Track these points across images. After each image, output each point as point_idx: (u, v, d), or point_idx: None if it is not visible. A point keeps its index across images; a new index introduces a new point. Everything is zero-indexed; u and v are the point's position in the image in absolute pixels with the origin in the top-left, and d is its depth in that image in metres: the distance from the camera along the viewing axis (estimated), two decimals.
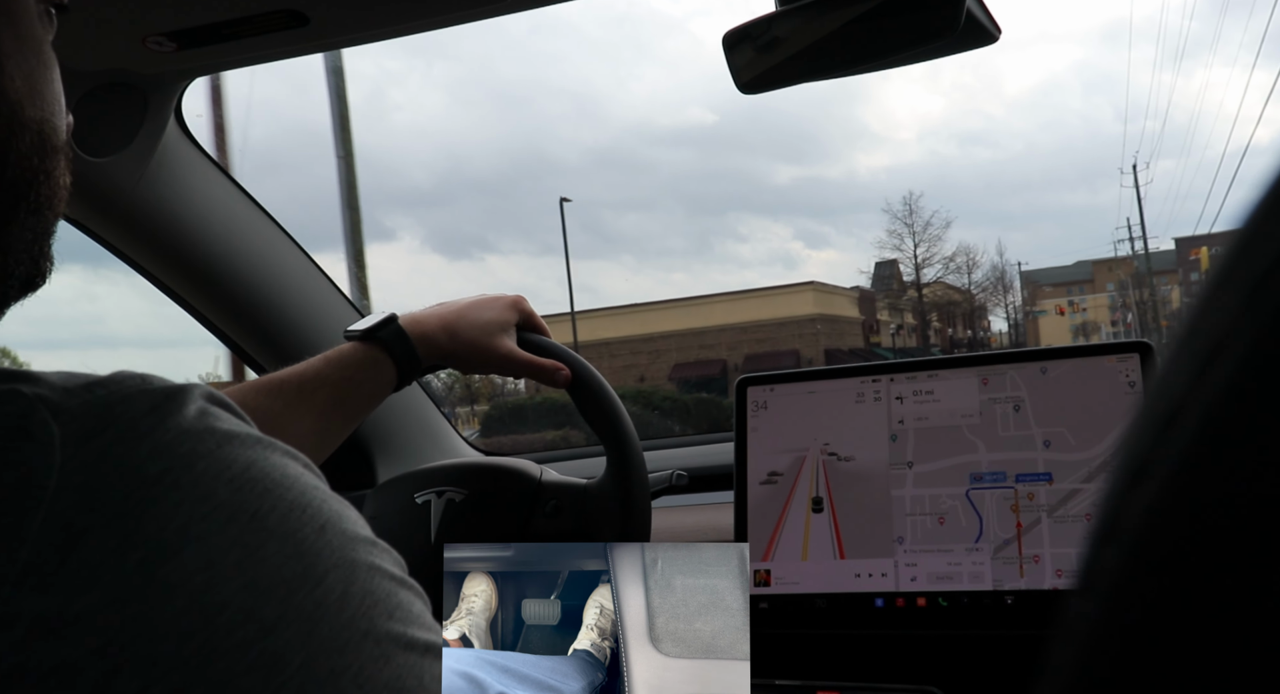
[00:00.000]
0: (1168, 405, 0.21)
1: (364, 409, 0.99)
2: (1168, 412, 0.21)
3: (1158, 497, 0.21)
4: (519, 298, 1.09)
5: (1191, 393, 0.20)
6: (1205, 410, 0.20)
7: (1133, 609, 0.21)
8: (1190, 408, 0.20)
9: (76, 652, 0.34)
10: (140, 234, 1.36)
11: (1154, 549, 0.21)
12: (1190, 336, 0.21)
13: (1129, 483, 0.22)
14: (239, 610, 0.37)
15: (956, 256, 54.11)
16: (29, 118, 0.50)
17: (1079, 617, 0.23)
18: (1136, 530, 0.21)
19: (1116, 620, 0.21)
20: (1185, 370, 0.21)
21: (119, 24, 1.09)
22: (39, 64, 0.51)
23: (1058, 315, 62.12)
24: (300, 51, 1.19)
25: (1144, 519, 0.21)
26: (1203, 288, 0.22)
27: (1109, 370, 1.10)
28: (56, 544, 0.35)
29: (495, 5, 1.10)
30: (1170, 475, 0.21)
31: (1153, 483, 0.21)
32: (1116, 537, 0.22)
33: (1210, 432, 0.20)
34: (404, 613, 0.42)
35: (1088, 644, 0.22)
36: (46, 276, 0.54)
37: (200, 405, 0.41)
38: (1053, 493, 1.08)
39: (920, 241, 49.78)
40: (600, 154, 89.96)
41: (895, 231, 50.73)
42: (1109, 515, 0.22)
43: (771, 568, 1.17)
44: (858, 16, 0.95)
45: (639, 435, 1.06)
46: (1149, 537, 0.21)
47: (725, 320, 38.11)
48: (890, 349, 46.45)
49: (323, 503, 0.42)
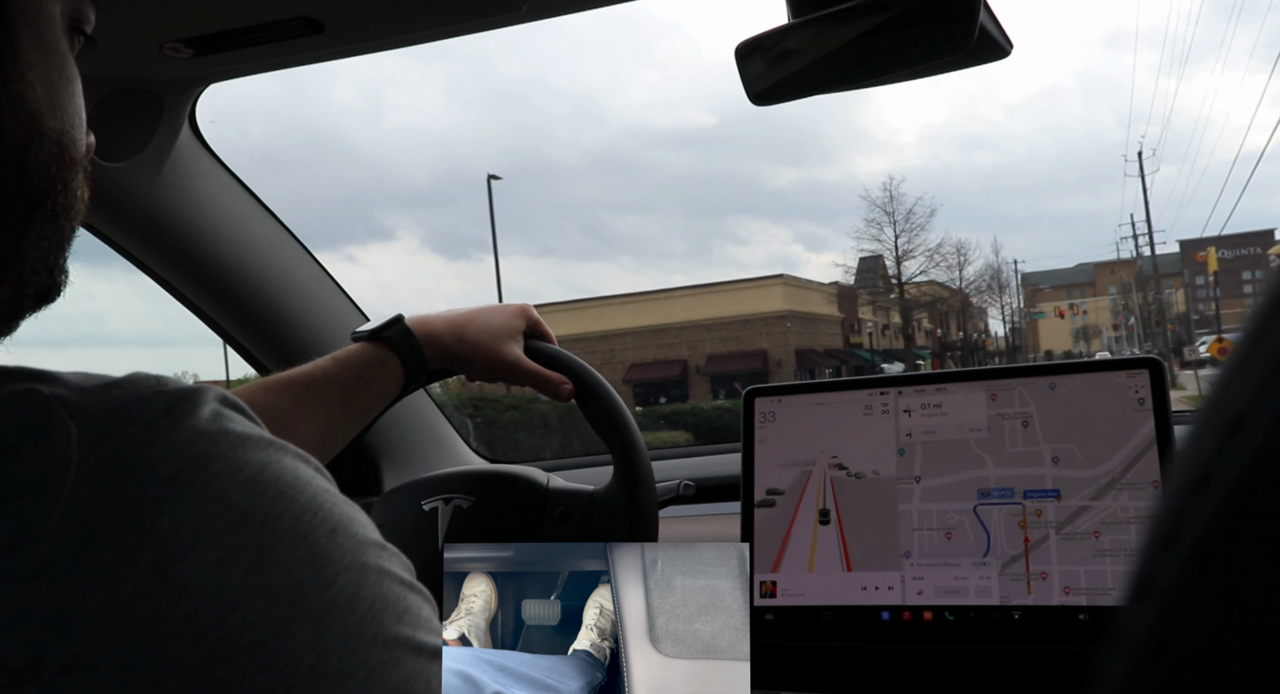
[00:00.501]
0: (1232, 413, 0.21)
1: (372, 409, 0.99)
2: (1233, 419, 0.21)
3: (1221, 505, 0.21)
4: (526, 306, 1.09)
5: (1257, 399, 0.20)
6: (1271, 418, 0.20)
7: (1192, 617, 0.21)
8: (1255, 415, 0.20)
9: (90, 649, 0.34)
10: (153, 238, 1.37)
11: (1216, 557, 0.21)
12: (1255, 344, 0.21)
13: (1191, 491, 0.22)
14: (251, 611, 0.37)
15: (943, 247, 50.18)
16: (49, 128, 0.50)
17: (1134, 625, 0.22)
18: (1198, 538, 0.21)
19: (1175, 629, 0.21)
20: (1251, 377, 0.21)
21: (136, 30, 1.10)
22: (61, 77, 0.52)
23: (1057, 318, 60.47)
24: (316, 58, 1.20)
25: (1206, 527, 0.21)
26: (1268, 298, 0.22)
27: (1118, 387, 1.09)
28: (72, 542, 0.36)
29: (509, 15, 1.10)
30: (1234, 484, 0.21)
31: (1216, 491, 0.21)
32: (1177, 544, 0.22)
33: (1276, 440, 0.20)
34: (413, 617, 0.43)
35: (1144, 653, 0.22)
36: (61, 289, 0.55)
37: (214, 408, 0.42)
38: (1061, 510, 1.08)
39: (902, 231, 44.60)
40: (599, 155, 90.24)
41: (874, 221, 45.84)
42: (1170, 522, 0.22)
43: (778, 580, 1.16)
44: (871, 29, 0.95)
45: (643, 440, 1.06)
46: (1211, 544, 0.21)
47: (688, 316, 34.95)
48: (872, 351, 44.18)
49: (334, 506, 0.42)
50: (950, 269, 51.01)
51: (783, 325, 35.71)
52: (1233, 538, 0.20)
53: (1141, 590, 0.22)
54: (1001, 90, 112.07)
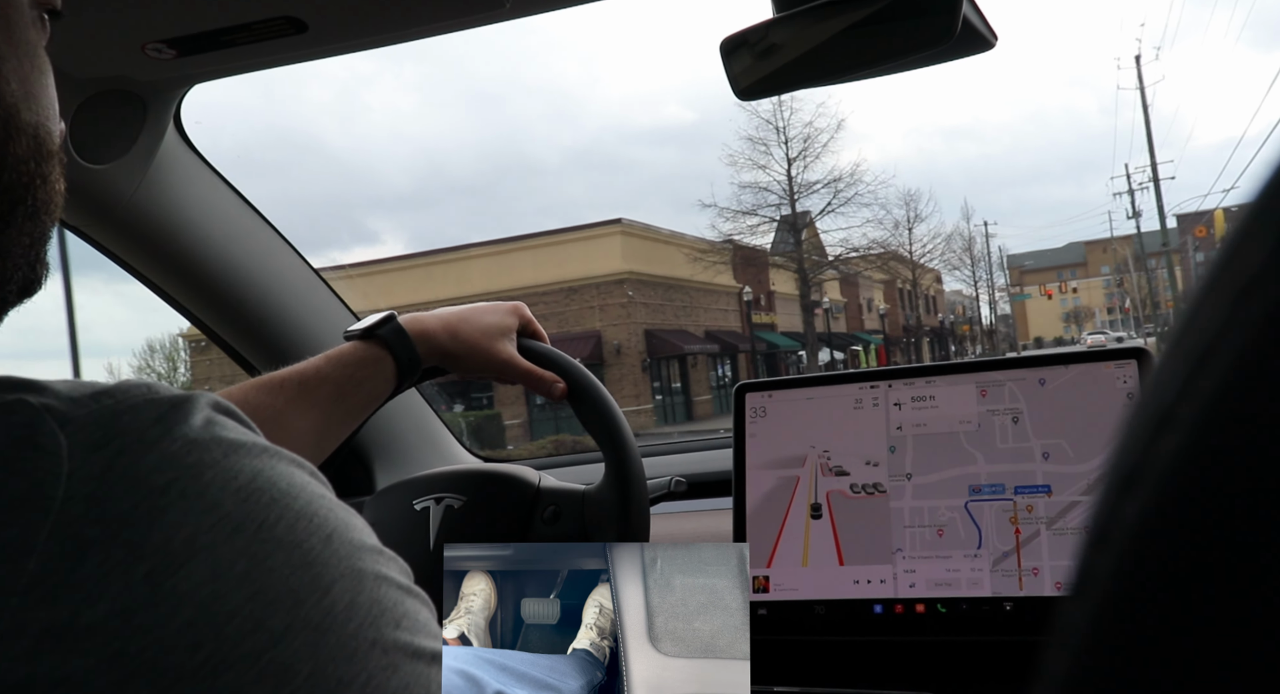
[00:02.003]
0: (1158, 411, 0.21)
1: (366, 408, 0.99)
2: (1158, 417, 0.21)
3: (1149, 503, 0.21)
4: (518, 304, 1.10)
5: (1181, 398, 0.21)
6: (1195, 416, 0.20)
7: (1125, 616, 0.21)
8: (1180, 414, 0.20)
9: (85, 662, 0.34)
10: (139, 240, 1.36)
11: (1146, 555, 0.21)
12: (1180, 342, 0.21)
13: (1120, 489, 0.22)
14: (247, 620, 0.37)
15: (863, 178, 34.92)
16: (25, 122, 0.50)
17: (1072, 622, 0.23)
18: (1129, 537, 0.21)
19: (1108, 627, 0.21)
20: (1176, 376, 0.21)
21: (118, 31, 1.09)
22: (34, 69, 0.51)
23: (1044, 298, 54.95)
24: (299, 58, 1.20)
25: (1136, 525, 0.21)
26: (1191, 293, 0.22)
27: (1108, 380, 1.09)
28: (64, 555, 0.35)
29: (493, 13, 1.10)
30: (1161, 481, 0.21)
31: (1144, 489, 0.21)
32: (1108, 543, 0.22)
33: (1201, 437, 0.20)
34: (411, 622, 0.43)
35: (1080, 650, 0.22)
36: (42, 282, 0.54)
37: (207, 414, 0.41)
38: (1051, 505, 1.08)
39: (798, 157, 30.79)
40: (579, 154, 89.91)
41: (760, 140, 31.31)
42: (1101, 522, 0.22)
43: (770, 574, 1.17)
44: (855, 23, 0.95)
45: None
46: (1141, 543, 0.21)
47: (490, 286, 24.45)
48: (791, 336, 33.61)
49: (329, 512, 0.42)
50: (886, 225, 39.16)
51: (622, 294, 26.34)
52: (1162, 535, 0.21)
53: (1077, 592, 0.23)
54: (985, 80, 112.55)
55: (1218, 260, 0.21)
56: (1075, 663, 0.22)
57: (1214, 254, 0.22)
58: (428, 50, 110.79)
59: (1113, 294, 64.26)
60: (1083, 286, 68.16)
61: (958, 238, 48.86)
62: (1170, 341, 0.22)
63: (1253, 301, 0.19)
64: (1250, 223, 0.20)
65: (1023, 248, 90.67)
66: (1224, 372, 0.20)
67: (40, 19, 0.53)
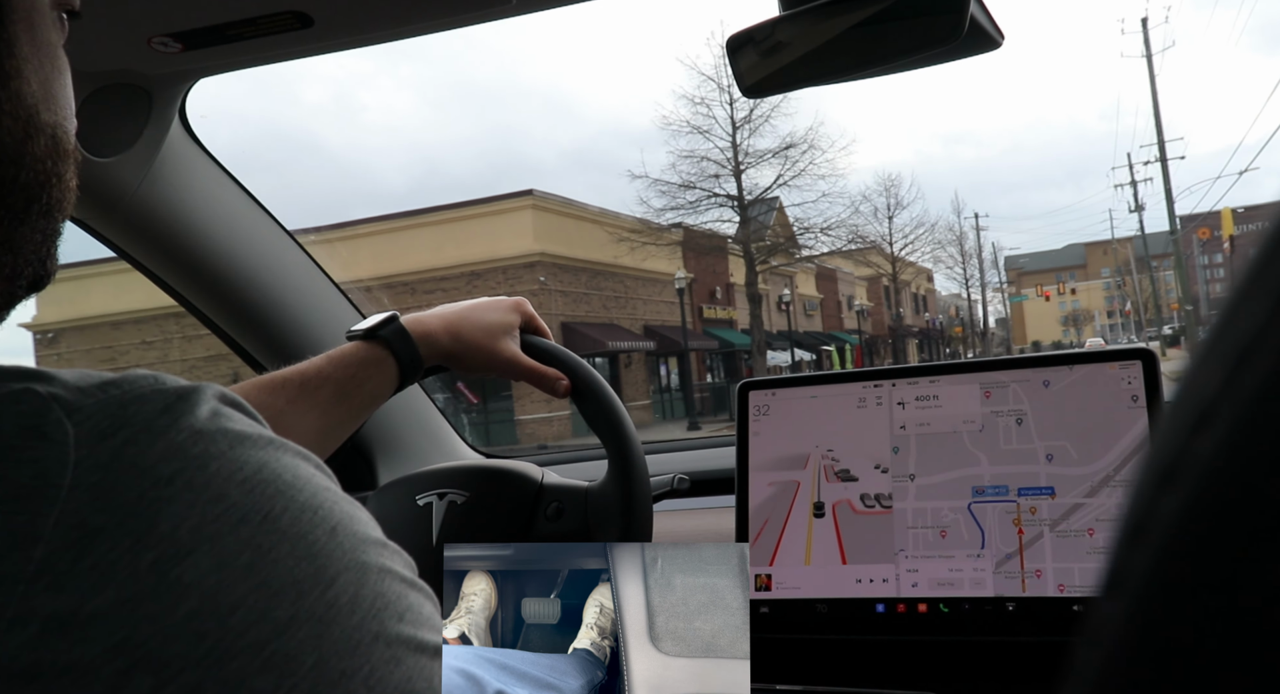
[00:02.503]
0: (1197, 407, 0.21)
1: (367, 407, 0.99)
2: (1197, 413, 0.21)
3: (1187, 498, 0.21)
4: (520, 300, 1.10)
5: (1221, 395, 0.20)
6: (1235, 412, 0.20)
7: (1161, 613, 0.21)
8: (1220, 410, 0.20)
9: (90, 651, 0.34)
10: (143, 234, 1.36)
11: (1184, 552, 0.21)
12: (1221, 337, 0.21)
13: (1158, 484, 0.22)
14: (251, 611, 0.37)
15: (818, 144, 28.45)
16: (44, 122, 0.51)
17: (1105, 620, 0.22)
18: (1165, 532, 0.21)
19: (1144, 624, 0.21)
20: (1215, 371, 0.21)
21: (124, 24, 1.09)
22: (53, 69, 0.52)
23: (1042, 299, 52.81)
24: (305, 52, 1.20)
25: (1173, 521, 0.21)
26: (1231, 290, 0.22)
27: (1112, 382, 1.09)
28: (70, 543, 0.36)
29: (501, 8, 1.10)
30: (1201, 477, 0.20)
31: (1182, 485, 0.21)
32: (1145, 538, 0.22)
33: (1240, 433, 0.20)
34: (414, 615, 0.43)
35: (1114, 646, 0.22)
36: (52, 277, 0.55)
37: (213, 406, 0.42)
38: (1055, 507, 1.08)
39: (745, 122, 25.86)
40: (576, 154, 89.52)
41: (700, 100, 27.81)
42: (1137, 517, 0.22)
43: (773, 573, 1.17)
44: (862, 21, 0.95)
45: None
46: (1179, 539, 0.21)
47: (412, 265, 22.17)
48: (750, 333, 26.57)
49: (334, 505, 0.42)
50: (875, 213, 35.19)
51: (533, 279, 22.40)
52: (1203, 531, 0.20)
53: (1111, 588, 0.23)
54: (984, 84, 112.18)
55: (1260, 255, 0.21)
56: (1108, 662, 0.22)
57: (1253, 250, 0.22)
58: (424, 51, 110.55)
59: (1113, 298, 62.73)
60: (1082, 289, 67.01)
61: (946, 232, 44.49)
62: (1210, 336, 0.22)
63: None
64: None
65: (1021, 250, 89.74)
66: (1268, 368, 0.19)
67: (60, 19, 0.54)
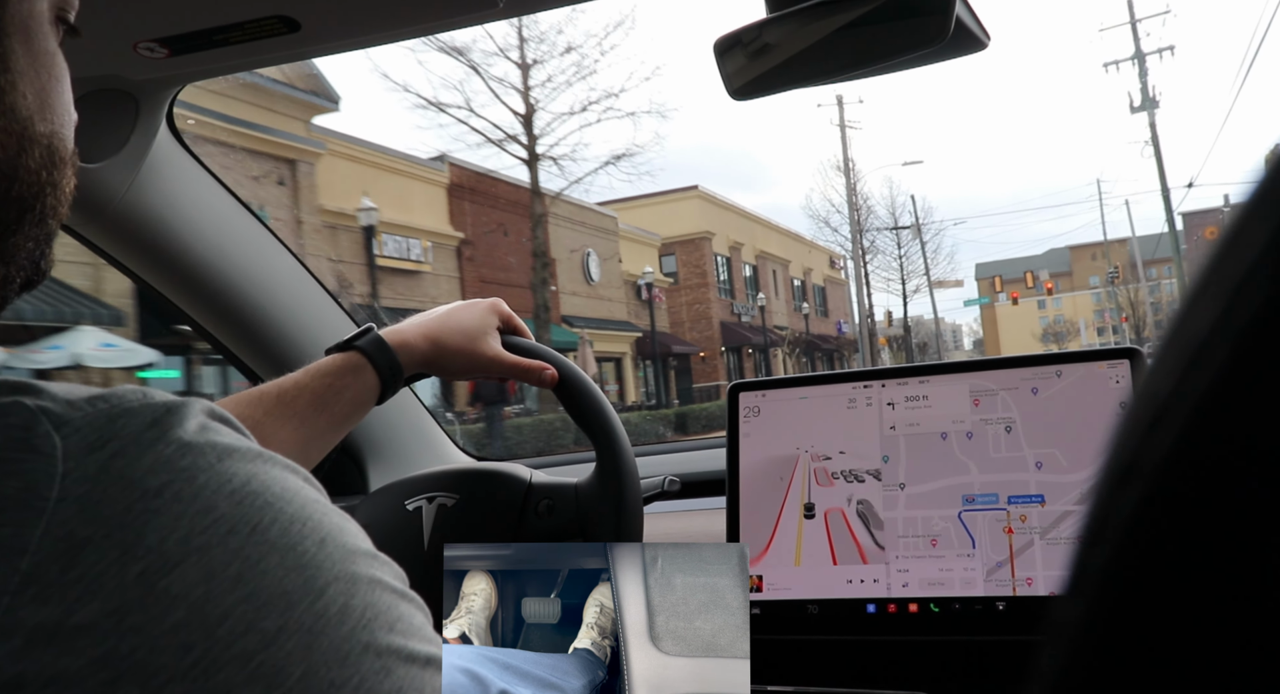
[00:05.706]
0: (1152, 406, 0.21)
1: (349, 417, 0.99)
2: (1153, 411, 0.21)
3: (1144, 496, 0.21)
4: (497, 301, 1.10)
5: (1174, 393, 0.21)
6: (1187, 411, 0.20)
7: (1117, 611, 0.21)
8: (1175, 407, 0.20)
9: (77, 662, 0.34)
10: (131, 240, 1.35)
11: (1139, 549, 0.21)
12: (1176, 336, 0.21)
13: (1116, 483, 0.22)
14: (239, 622, 0.37)
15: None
16: (39, 133, 0.50)
17: (1065, 619, 0.23)
18: (1124, 530, 0.21)
19: (1103, 621, 0.21)
20: (1170, 371, 0.21)
21: (110, 30, 1.09)
22: (50, 78, 0.52)
23: (1010, 303, 44.10)
24: (292, 57, 1.19)
25: (1131, 519, 0.21)
26: (1187, 288, 0.22)
27: (1101, 388, 1.09)
28: (57, 555, 0.35)
29: (487, 12, 1.10)
30: (1156, 475, 0.21)
31: (1139, 483, 0.21)
32: (1104, 536, 0.22)
33: (1195, 431, 0.20)
34: (405, 626, 0.43)
35: (1074, 645, 0.22)
36: (46, 275, 0.55)
37: (201, 420, 0.42)
38: (1045, 515, 1.08)
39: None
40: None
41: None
42: (1096, 516, 0.22)
43: (763, 573, 1.17)
44: (849, 23, 0.95)
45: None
46: (1136, 536, 0.21)
47: None
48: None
49: (323, 516, 0.42)
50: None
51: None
52: (1156, 529, 0.21)
53: (1072, 587, 0.23)
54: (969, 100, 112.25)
55: (1212, 255, 0.21)
56: (1069, 660, 0.22)
57: (1209, 249, 0.22)
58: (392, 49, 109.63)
59: (1104, 311, 58.27)
60: (1067, 300, 63.41)
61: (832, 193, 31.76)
62: (1166, 335, 0.22)
63: (1248, 296, 0.20)
64: (1245, 218, 0.21)
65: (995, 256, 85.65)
66: (1219, 365, 0.20)
67: (57, 23, 0.54)
